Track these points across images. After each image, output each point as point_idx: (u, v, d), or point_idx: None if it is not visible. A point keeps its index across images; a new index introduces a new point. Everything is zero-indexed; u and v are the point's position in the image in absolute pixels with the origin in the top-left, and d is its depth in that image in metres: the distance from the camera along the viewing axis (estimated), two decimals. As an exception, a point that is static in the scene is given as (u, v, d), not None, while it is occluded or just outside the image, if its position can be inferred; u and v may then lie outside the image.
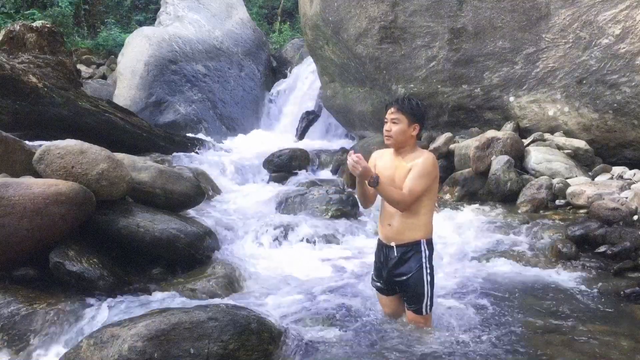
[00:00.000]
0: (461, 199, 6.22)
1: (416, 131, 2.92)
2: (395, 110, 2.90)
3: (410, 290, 2.96)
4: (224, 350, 2.50)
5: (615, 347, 2.92)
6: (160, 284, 3.88)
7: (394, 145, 2.95)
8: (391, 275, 2.99)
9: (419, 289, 2.93)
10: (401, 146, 2.93)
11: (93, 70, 13.78)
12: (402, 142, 2.92)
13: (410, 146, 2.94)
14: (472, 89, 7.19)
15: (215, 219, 5.24)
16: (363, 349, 2.87)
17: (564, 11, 6.31)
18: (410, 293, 2.97)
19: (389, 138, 2.93)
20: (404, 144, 2.93)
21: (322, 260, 4.59)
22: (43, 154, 4.03)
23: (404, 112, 2.89)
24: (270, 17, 17.94)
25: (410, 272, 2.92)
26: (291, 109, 11.49)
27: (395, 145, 2.95)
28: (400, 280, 2.96)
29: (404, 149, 2.94)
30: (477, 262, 4.42)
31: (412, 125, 2.90)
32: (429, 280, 2.94)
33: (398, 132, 2.89)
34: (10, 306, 3.24)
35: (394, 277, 2.98)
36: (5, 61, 6.87)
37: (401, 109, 2.90)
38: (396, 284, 3.01)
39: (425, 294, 2.93)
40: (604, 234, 4.46)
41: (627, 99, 5.98)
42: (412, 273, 2.92)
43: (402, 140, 2.91)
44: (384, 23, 7.57)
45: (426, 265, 2.93)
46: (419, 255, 2.93)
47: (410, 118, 2.89)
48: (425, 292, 2.93)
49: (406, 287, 2.96)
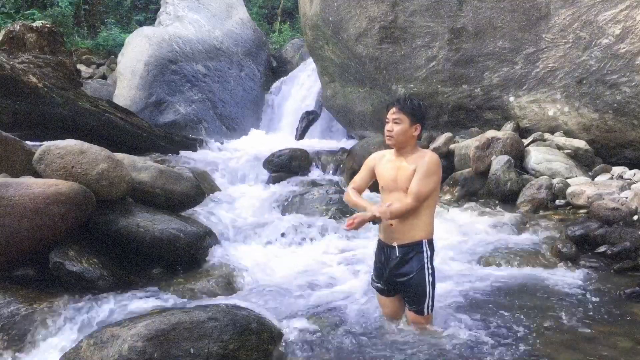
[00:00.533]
0: (461, 199, 6.21)
1: (417, 131, 2.92)
2: (397, 110, 2.90)
3: (412, 290, 2.95)
4: (224, 350, 2.50)
5: (615, 347, 2.92)
6: (160, 284, 3.88)
7: (396, 145, 2.94)
8: (392, 275, 2.98)
9: (421, 289, 2.92)
10: (402, 146, 2.93)
11: (93, 70, 13.78)
12: (403, 142, 2.91)
13: (411, 146, 2.94)
14: (472, 89, 7.19)
15: (215, 218, 5.24)
16: (364, 349, 2.87)
17: (564, 11, 6.31)
18: (411, 293, 2.97)
19: (390, 138, 2.92)
20: (405, 144, 2.92)
21: (323, 260, 4.59)
22: (43, 154, 4.03)
23: (405, 112, 2.89)
24: (270, 17, 17.94)
25: (411, 273, 2.92)
26: (291, 109, 11.48)
27: (396, 145, 2.94)
28: (401, 280, 2.96)
29: (405, 149, 2.94)
30: (476, 262, 4.42)
31: (414, 125, 2.90)
32: (431, 280, 2.93)
33: (400, 132, 2.89)
34: (10, 306, 3.25)
35: (395, 277, 2.98)
36: (5, 61, 6.87)
37: (403, 109, 2.90)
38: (397, 285, 3.01)
39: (426, 294, 2.93)
40: (604, 234, 4.46)
41: (627, 99, 5.98)
42: (413, 273, 2.92)
43: (404, 141, 2.91)
44: (384, 23, 7.57)
45: (428, 265, 2.92)
46: (421, 256, 2.93)
47: (411, 118, 2.89)
48: (427, 292, 2.93)
49: (407, 287, 2.96)
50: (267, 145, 9.08)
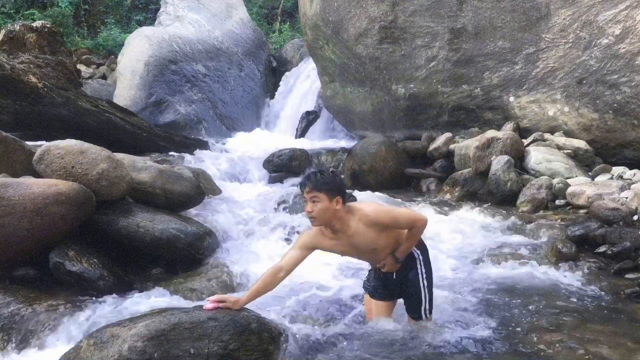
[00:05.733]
0: (461, 199, 6.22)
1: (339, 204, 2.69)
2: (310, 189, 2.66)
3: (408, 298, 2.99)
4: (224, 350, 2.50)
5: (615, 347, 2.91)
6: (160, 284, 3.88)
7: (323, 224, 2.73)
8: (390, 288, 3.02)
9: (416, 297, 2.94)
10: (330, 222, 2.72)
11: (93, 70, 13.77)
12: (329, 219, 2.70)
13: (342, 218, 2.72)
14: (472, 89, 7.19)
15: (215, 218, 5.24)
16: (364, 348, 2.87)
17: (564, 11, 6.31)
18: (408, 301, 3.00)
19: (314, 219, 2.70)
20: (331, 219, 2.71)
21: (323, 260, 4.57)
22: (43, 154, 4.03)
23: (319, 190, 2.66)
24: (270, 17, 17.93)
25: (407, 281, 2.94)
26: (291, 109, 11.48)
27: (324, 224, 2.73)
28: (398, 290, 3.01)
29: (336, 224, 2.73)
30: (476, 262, 4.42)
31: (334, 199, 2.67)
32: (426, 284, 2.94)
33: (321, 211, 2.66)
34: (10, 306, 3.25)
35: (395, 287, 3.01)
36: (5, 61, 6.87)
37: (315, 187, 2.66)
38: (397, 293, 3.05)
39: (422, 299, 2.94)
40: (604, 234, 4.46)
41: (627, 99, 5.97)
42: (408, 281, 2.94)
43: (329, 217, 2.70)
44: (384, 23, 7.57)
45: (421, 270, 2.93)
46: (414, 263, 2.94)
47: (328, 194, 2.66)
48: (423, 297, 2.94)
49: (405, 294, 3.00)
50: (267, 145, 9.08)
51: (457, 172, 6.54)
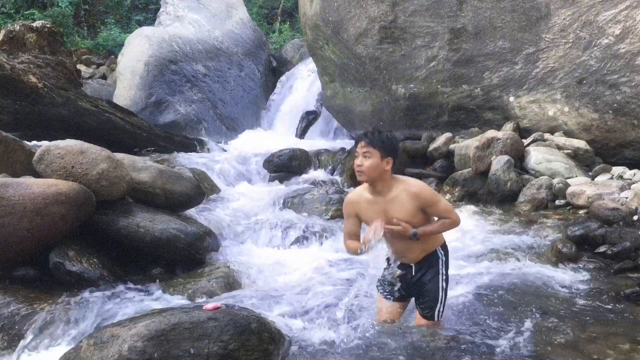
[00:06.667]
0: (461, 199, 6.21)
1: (389, 165, 2.75)
2: (366, 144, 2.74)
3: (425, 296, 2.95)
4: (224, 350, 2.50)
5: (615, 347, 2.91)
6: (160, 284, 3.88)
7: (367, 181, 2.79)
8: (409, 285, 2.98)
9: (434, 295, 2.92)
10: (374, 181, 2.77)
11: (93, 70, 13.77)
12: (375, 177, 2.75)
13: (387, 180, 2.78)
14: (472, 89, 7.19)
15: (215, 218, 5.24)
16: (364, 348, 2.87)
17: (564, 11, 6.31)
18: (424, 299, 2.96)
19: (361, 174, 2.75)
20: (377, 179, 2.76)
21: (323, 260, 4.58)
22: (43, 154, 4.04)
23: (375, 146, 2.72)
24: (270, 17, 17.94)
25: (427, 280, 2.92)
26: (291, 109, 11.48)
27: (368, 181, 2.78)
28: (417, 288, 2.97)
29: (380, 184, 2.78)
30: (476, 262, 4.41)
31: (385, 159, 2.73)
32: (444, 287, 2.93)
33: (370, 167, 2.72)
34: (10, 306, 3.25)
35: (411, 287, 2.98)
36: (5, 61, 6.87)
37: (371, 143, 2.73)
38: (412, 291, 3.01)
39: (439, 299, 2.92)
40: (604, 234, 4.46)
41: (627, 99, 5.98)
42: (429, 280, 2.92)
43: (376, 176, 2.74)
44: (384, 23, 7.57)
45: (442, 271, 2.92)
46: (436, 263, 2.93)
47: (382, 152, 2.72)
48: (440, 298, 2.92)
49: (421, 293, 2.96)
50: (267, 145, 9.08)
51: (457, 172, 6.54)
